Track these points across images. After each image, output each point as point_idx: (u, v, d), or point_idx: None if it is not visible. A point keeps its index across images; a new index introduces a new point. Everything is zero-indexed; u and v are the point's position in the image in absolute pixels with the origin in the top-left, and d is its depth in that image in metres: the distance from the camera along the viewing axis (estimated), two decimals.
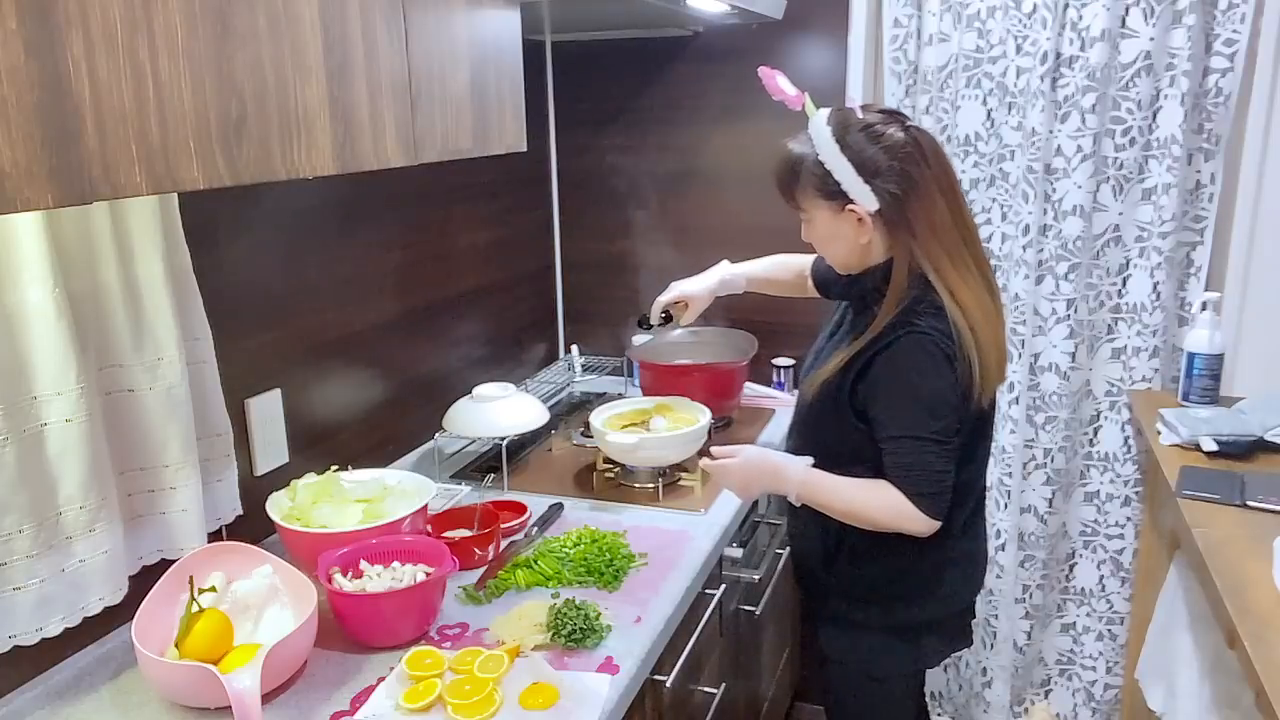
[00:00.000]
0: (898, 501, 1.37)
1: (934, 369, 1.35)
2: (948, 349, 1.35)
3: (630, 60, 2.43)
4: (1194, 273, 2.16)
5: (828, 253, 1.50)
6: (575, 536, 1.59)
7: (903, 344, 1.36)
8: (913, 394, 1.37)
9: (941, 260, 1.38)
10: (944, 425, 1.36)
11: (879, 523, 1.41)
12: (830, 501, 1.45)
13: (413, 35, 1.22)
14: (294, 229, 1.66)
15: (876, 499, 1.39)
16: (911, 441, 1.37)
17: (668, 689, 1.43)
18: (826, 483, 1.45)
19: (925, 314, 1.37)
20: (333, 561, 1.34)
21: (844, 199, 1.39)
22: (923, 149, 1.38)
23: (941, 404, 1.36)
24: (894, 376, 1.38)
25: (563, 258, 2.64)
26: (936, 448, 1.36)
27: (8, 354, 1.14)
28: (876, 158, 1.36)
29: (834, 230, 1.44)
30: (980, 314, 1.39)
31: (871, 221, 1.39)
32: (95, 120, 0.81)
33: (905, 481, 1.37)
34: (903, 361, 1.36)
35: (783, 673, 2.36)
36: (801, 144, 1.43)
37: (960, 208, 1.42)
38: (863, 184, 1.37)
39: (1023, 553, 2.35)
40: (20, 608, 1.18)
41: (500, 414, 1.84)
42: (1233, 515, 1.60)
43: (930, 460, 1.36)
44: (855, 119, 1.39)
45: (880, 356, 1.38)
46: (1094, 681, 2.43)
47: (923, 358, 1.36)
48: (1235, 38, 2.00)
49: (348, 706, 1.18)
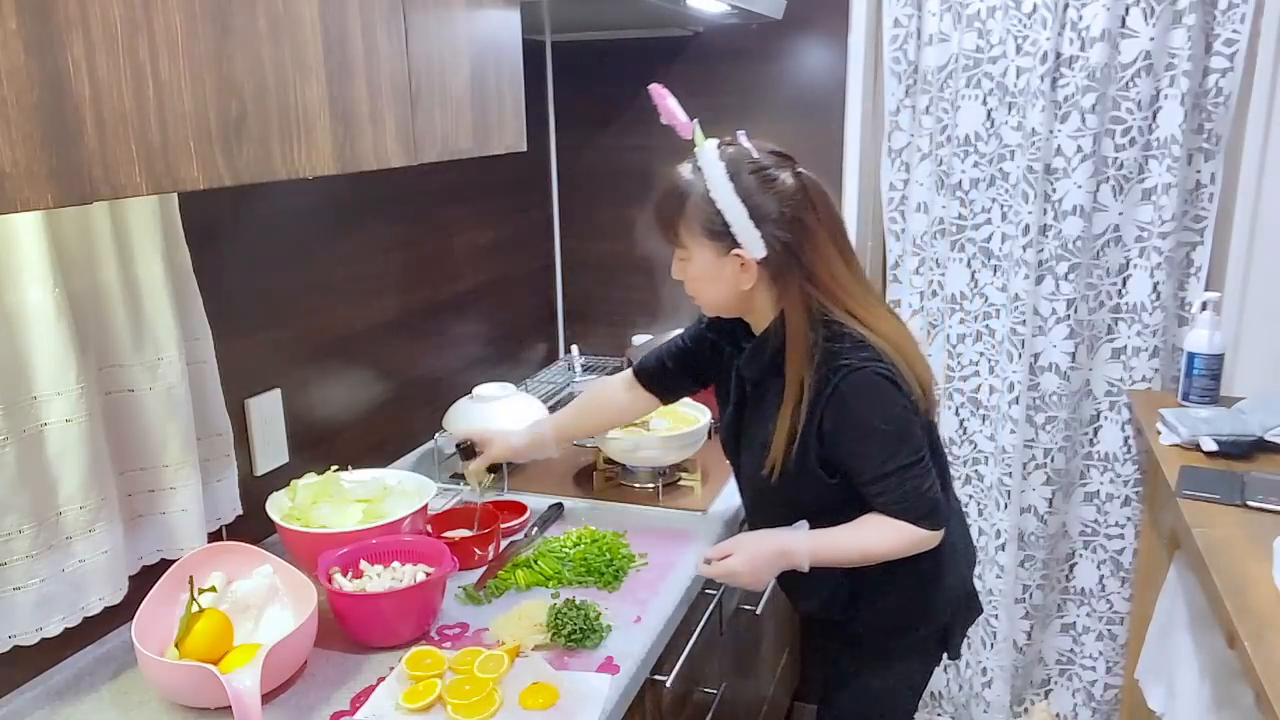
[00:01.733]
0: (902, 530, 1.35)
1: (886, 398, 1.31)
2: (889, 374, 1.30)
3: (630, 60, 2.43)
4: (1194, 273, 2.16)
5: (701, 293, 1.40)
6: (575, 536, 1.59)
7: (846, 387, 1.30)
8: (877, 432, 1.32)
9: (849, 301, 1.33)
10: (915, 446, 1.34)
11: (893, 554, 1.38)
12: (843, 556, 1.40)
13: (413, 35, 1.22)
14: (294, 229, 1.66)
15: (885, 536, 1.36)
16: (891, 478, 1.33)
17: (668, 689, 1.43)
18: (831, 541, 1.39)
19: (851, 351, 1.31)
20: (333, 561, 1.34)
21: (731, 242, 1.31)
22: (810, 195, 1.32)
23: (905, 429, 1.33)
24: (852, 422, 1.32)
25: (563, 258, 2.64)
26: (914, 471, 1.33)
27: (8, 354, 1.14)
28: (767, 204, 1.30)
29: (714, 272, 1.35)
30: (902, 340, 1.35)
31: (756, 269, 1.32)
32: (95, 120, 0.81)
33: (903, 513, 1.35)
34: (854, 404, 1.31)
35: (783, 673, 2.36)
36: (692, 174, 1.34)
37: (849, 251, 1.37)
38: (753, 229, 1.29)
39: (1023, 553, 2.35)
40: (20, 608, 1.18)
41: (500, 414, 1.84)
42: (1233, 515, 1.60)
43: (916, 485, 1.34)
44: (748, 158, 1.32)
45: (828, 409, 1.31)
46: (1094, 681, 2.43)
47: (870, 392, 1.30)
48: (1235, 38, 2.00)
49: (348, 706, 1.18)
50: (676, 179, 1.36)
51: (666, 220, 1.38)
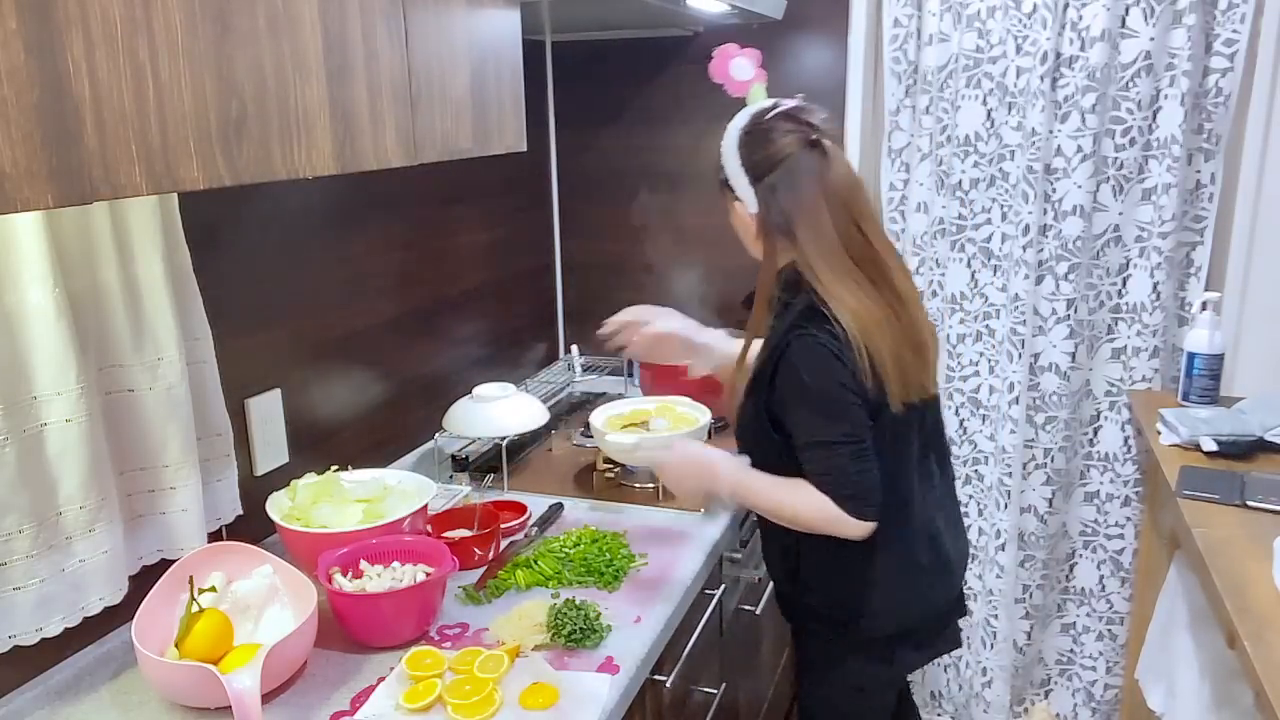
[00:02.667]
0: (824, 504, 1.33)
1: (822, 368, 1.32)
2: (834, 348, 1.31)
3: (630, 60, 2.43)
4: (1194, 273, 2.16)
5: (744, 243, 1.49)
6: (575, 536, 1.59)
7: (793, 348, 1.33)
8: (808, 398, 1.34)
9: (822, 269, 1.34)
10: (847, 428, 1.33)
11: (810, 524, 1.37)
12: (759, 502, 1.42)
13: (413, 35, 1.22)
14: (294, 229, 1.66)
15: (804, 501, 1.35)
16: (819, 448, 1.34)
17: (668, 689, 1.43)
18: (758, 483, 1.41)
19: (813, 318, 1.33)
20: (333, 561, 1.34)
21: (733, 195, 1.42)
22: (816, 160, 1.35)
23: (835, 404, 1.32)
24: (791, 382, 1.35)
25: (563, 258, 2.64)
26: (845, 449, 1.32)
27: (8, 354, 1.14)
28: (763, 162, 1.36)
29: (736, 222, 1.46)
30: (869, 322, 1.33)
31: (753, 221, 1.40)
32: (95, 120, 0.80)
33: (824, 486, 1.34)
34: (795, 364, 1.33)
35: (783, 673, 2.36)
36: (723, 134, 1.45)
37: (851, 221, 1.37)
38: (747, 185, 1.38)
39: (1023, 553, 2.35)
40: (20, 608, 1.18)
41: (500, 414, 1.84)
42: (1233, 515, 1.60)
43: (842, 463, 1.32)
44: (762, 120, 1.39)
45: (780, 366, 1.35)
46: (1094, 681, 2.43)
47: (809, 358, 1.32)
48: (1235, 38, 2.00)
49: (348, 706, 1.18)
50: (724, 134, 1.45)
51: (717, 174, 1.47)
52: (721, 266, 2.49)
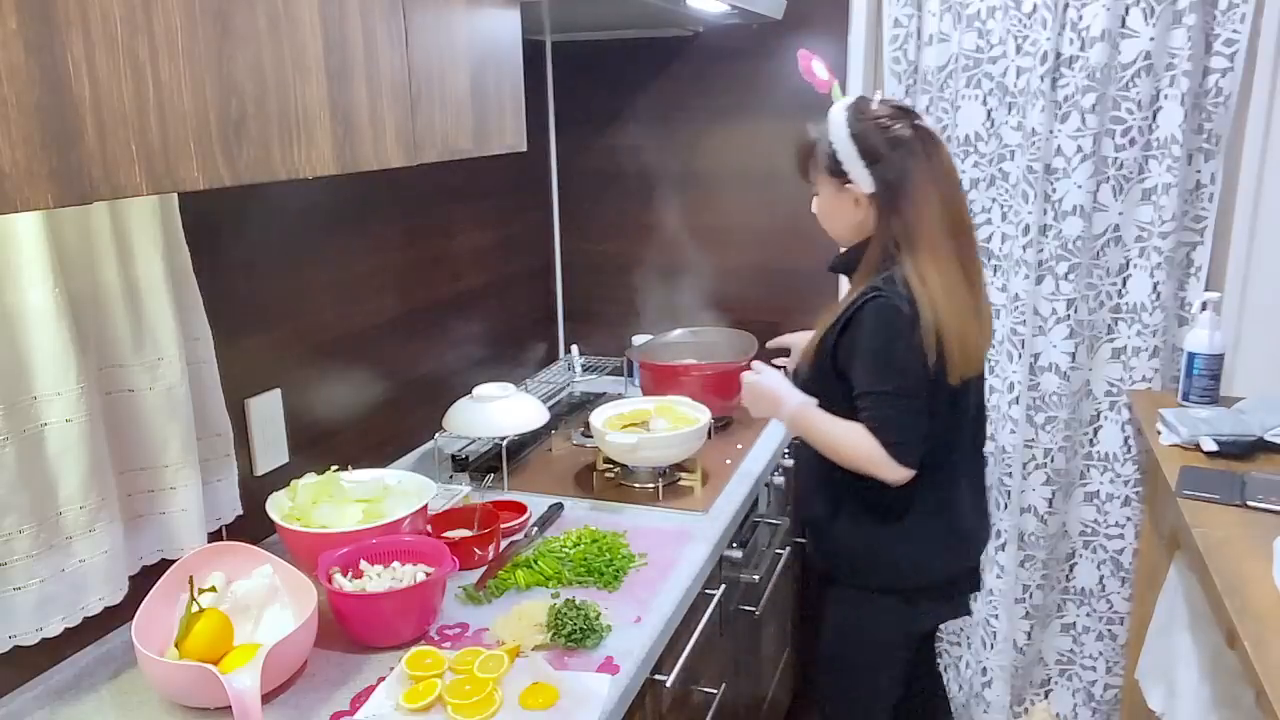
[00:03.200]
0: (871, 446, 1.50)
1: (894, 330, 1.48)
2: (909, 313, 1.47)
3: (630, 60, 2.43)
4: (1194, 273, 2.16)
5: (827, 225, 1.65)
6: (575, 536, 1.60)
7: (869, 307, 1.50)
8: (875, 353, 1.50)
9: (920, 247, 1.51)
10: (906, 382, 1.49)
11: (854, 460, 1.53)
12: (813, 434, 1.59)
13: (413, 35, 1.22)
14: (294, 229, 1.66)
15: (854, 440, 1.52)
16: (873, 396, 1.50)
17: (668, 689, 1.43)
18: (815, 417, 1.58)
19: (893, 285, 1.49)
20: (333, 561, 1.34)
21: (845, 178, 1.55)
22: (924, 146, 1.52)
23: (899, 361, 1.49)
24: (861, 336, 1.51)
25: (563, 258, 2.64)
26: (901, 402, 1.49)
27: (8, 354, 1.14)
28: (879, 147, 1.51)
29: (835, 206, 1.60)
30: (947, 302, 1.49)
31: (867, 202, 1.54)
32: (95, 120, 0.80)
33: (877, 433, 1.50)
34: (868, 323, 1.50)
35: (783, 673, 2.36)
36: (818, 127, 1.59)
37: (953, 207, 1.55)
38: (863, 168, 1.52)
39: (1023, 553, 2.35)
40: (20, 608, 1.18)
41: (500, 414, 1.84)
42: (1233, 515, 1.60)
43: (895, 414, 1.50)
44: (869, 110, 1.55)
45: (853, 319, 1.52)
46: (1094, 681, 2.43)
47: (883, 319, 1.49)
48: (1235, 38, 2.00)
49: (348, 706, 1.18)
50: (809, 130, 1.61)
51: (802, 163, 1.64)
52: (722, 266, 2.49)
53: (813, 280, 2.38)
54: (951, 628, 2.50)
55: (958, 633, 2.50)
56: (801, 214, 2.37)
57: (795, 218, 2.38)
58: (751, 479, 1.88)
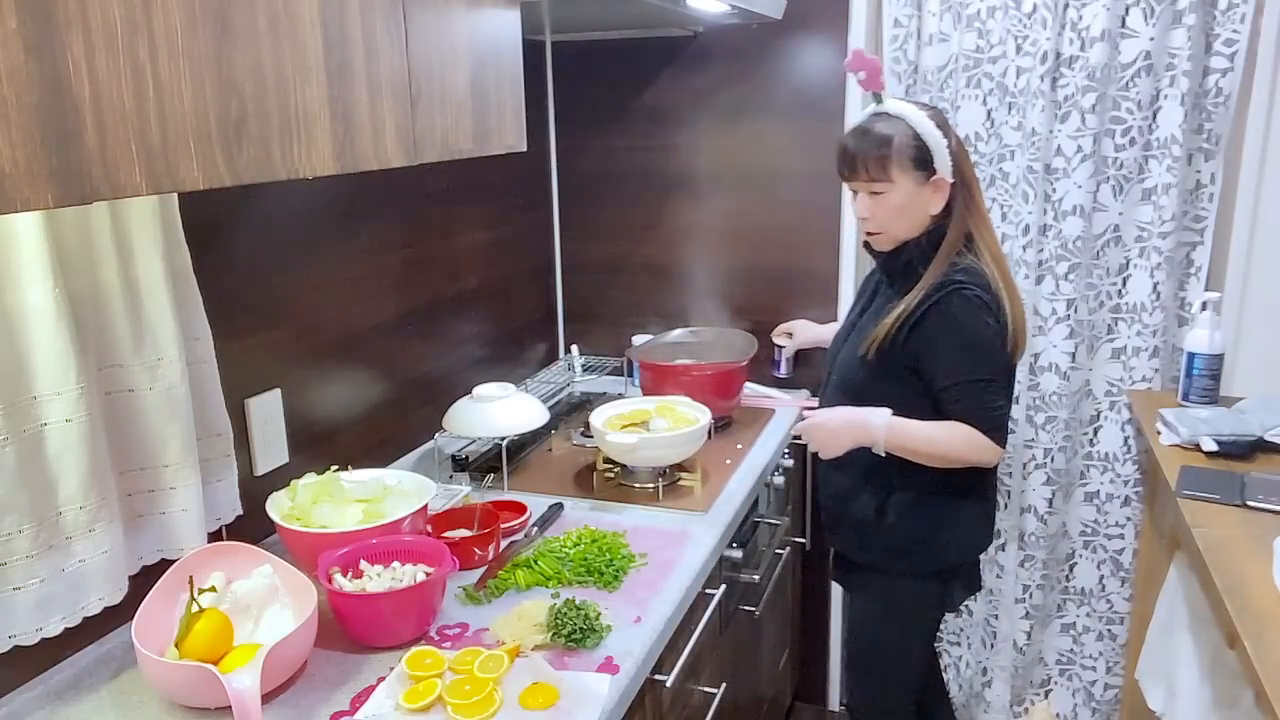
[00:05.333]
0: (973, 436, 1.56)
1: (981, 320, 1.56)
2: (990, 301, 1.56)
3: (630, 60, 2.43)
4: (1194, 273, 2.16)
5: (896, 221, 1.64)
6: (575, 536, 1.60)
7: (952, 300, 1.56)
8: (966, 344, 1.56)
9: (985, 235, 1.64)
10: (996, 367, 1.58)
11: (962, 456, 1.58)
12: (916, 445, 1.61)
13: (413, 35, 1.22)
14: (294, 229, 1.66)
15: (956, 437, 1.57)
16: (968, 386, 1.56)
17: (668, 689, 1.43)
18: (910, 428, 1.60)
19: (965, 274, 1.57)
20: (333, 561, 1.34)
21: (931, 169, 1.61)
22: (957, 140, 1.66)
23: (990, 348, 1.57)
24: (947, 330, 1.56)
25: (563, 258, 2.64)
26: (994, 387, 1.57)
27: (8, 354, 1.14)
28: (954, 142, 1.63)
29: (915, 199, 1.62)
30: (1011, 287, 1.61)
31: (948, 192, 1.62)
32: (95, 120, 0.80)
33: (976, 421, 1.56)
34: (955, 315, 1.56)
35: (783, 673, 2.36)
36: (888, 124, 1.62)
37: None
38: (948, 158, 1.61)
39: (1023, 553, 2.35)
40: (20, 608, 1.18)
41: (500, 414, 1.84)
42: (1233, 515, 1.60)
43: (991, 399, 1.56)
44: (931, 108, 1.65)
45: (931, 311, 1.57)
46: (1094, 681, 2.43)
47: (971, 311, 1.55)
48: (1235, 38, 2.00)
49: (348, 706, 1.18)
50: (876, 127, 1.62)
51: (877, 160, 1.61)
52: (721, 266, 2.49)
53: (813, 280, 2.38)
54: (951, 628, 2.50)
55: (958, 633, 2.50)
56: (801, 214, 2.39)
57: (795, 218, 2.38)
58: (751, 479, 1.88)
